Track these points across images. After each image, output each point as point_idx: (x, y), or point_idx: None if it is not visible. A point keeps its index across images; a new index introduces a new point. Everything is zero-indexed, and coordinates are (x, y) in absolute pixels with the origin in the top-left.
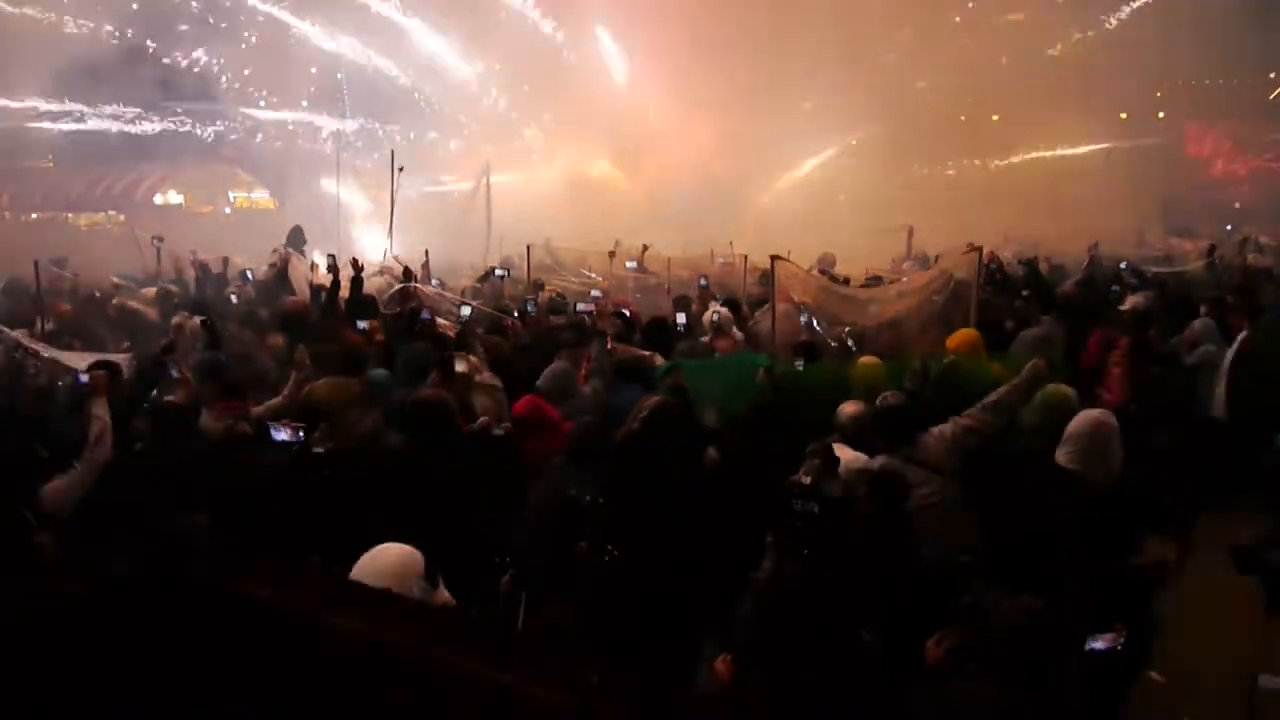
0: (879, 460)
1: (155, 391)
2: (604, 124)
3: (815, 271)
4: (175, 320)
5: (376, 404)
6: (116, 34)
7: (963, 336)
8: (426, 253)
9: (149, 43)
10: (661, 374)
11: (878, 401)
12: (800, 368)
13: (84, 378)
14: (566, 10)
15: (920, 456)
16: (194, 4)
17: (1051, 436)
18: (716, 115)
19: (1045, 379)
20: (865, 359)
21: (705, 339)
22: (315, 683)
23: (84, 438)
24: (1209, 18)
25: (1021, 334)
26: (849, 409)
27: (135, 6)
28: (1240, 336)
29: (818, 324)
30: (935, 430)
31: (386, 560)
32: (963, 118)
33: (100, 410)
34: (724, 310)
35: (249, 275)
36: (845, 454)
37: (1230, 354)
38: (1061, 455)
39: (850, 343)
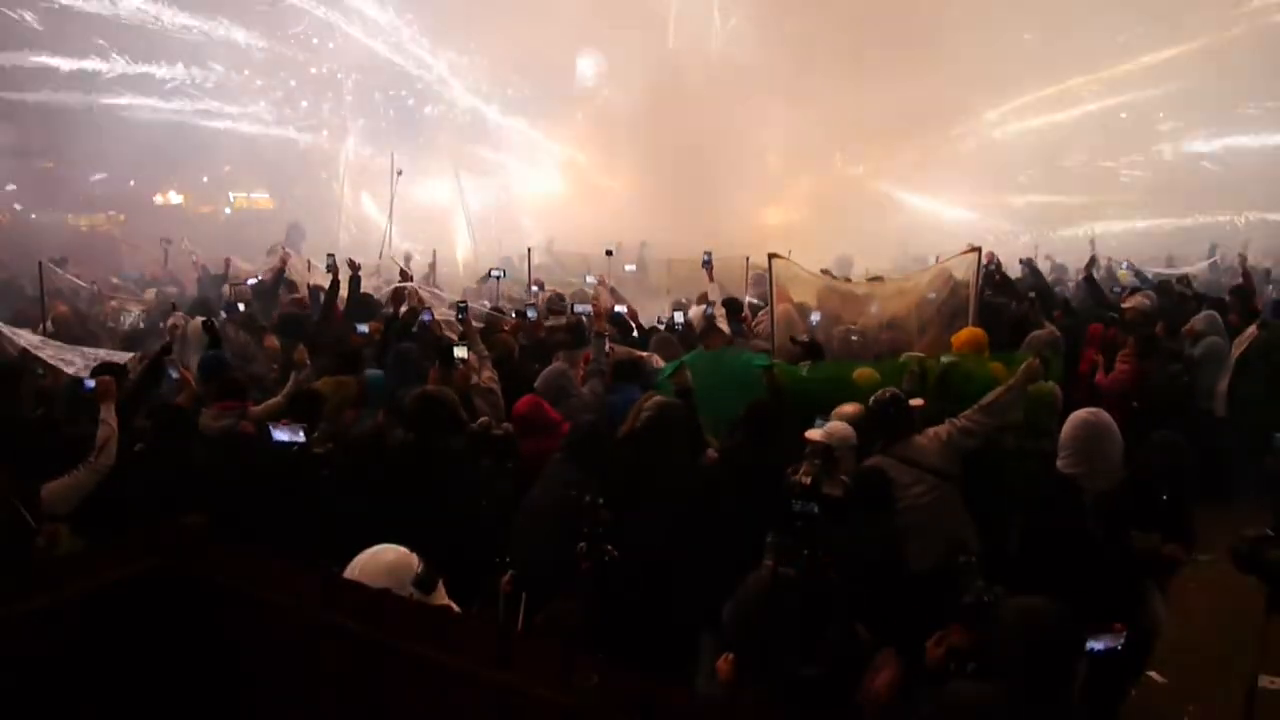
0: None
1: (158, 393)
2: (604, 123)
3: (816, 270)
4: (170, 321)
5: (372, 403)
6: None
7: (967, 335)
8: (435, 253)
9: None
10: (668, 374)
11: (870, 401)
12: (805, 370)
13: (90, 383)
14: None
15: (913, 456)
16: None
17: (1035, 431)
18: (719, 114)
19: (1040, 379)
20: (862, 371)
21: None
22: (315, 683)
23: (91, 443)
24: None
25: (1030, 336)
26: (847, 411)
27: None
28: (1246, 334)
29: (817, 322)
30: (930, 431)
31: (381, 562)
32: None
33: (108, 416)
34: (715, 307)
35: (250, 283)
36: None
37: (1235, 352)
38: (1061, 462)
39: (855, 338)
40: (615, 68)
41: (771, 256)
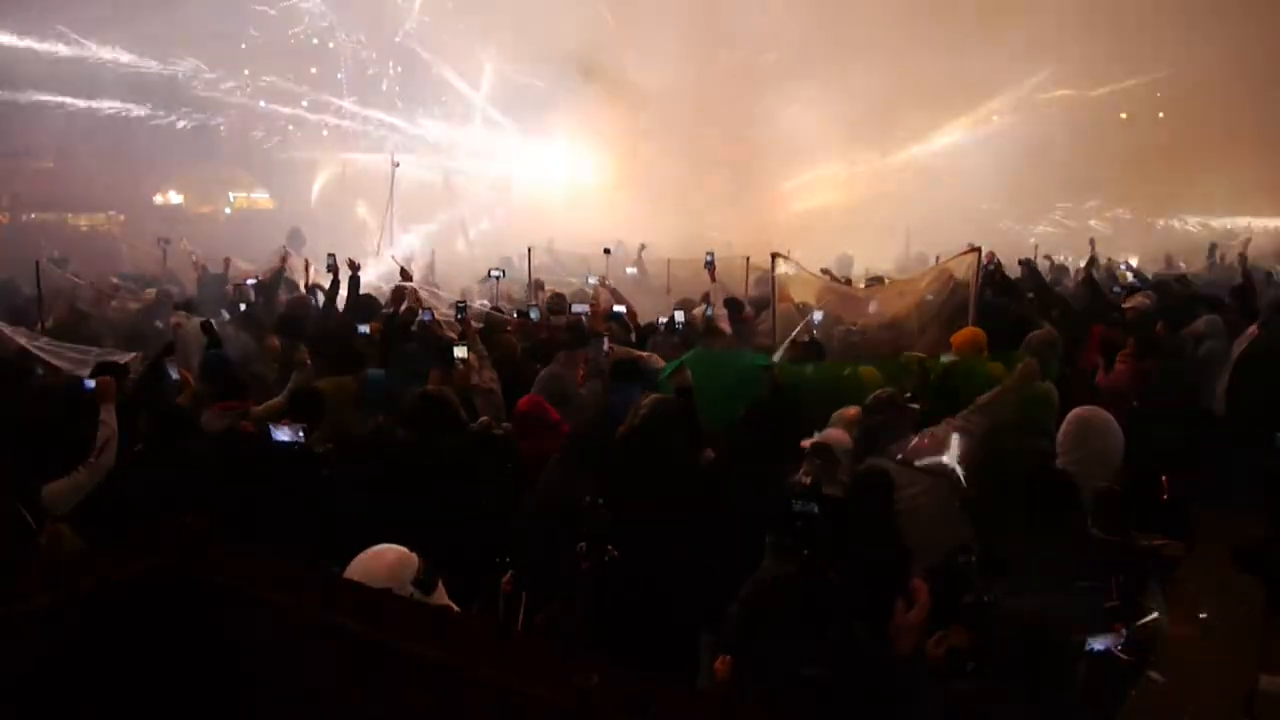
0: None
1: (158, 393)
2: (605, 120)
3: (817, 270)
4: (174, 320)
5: (372, 403)
6: None
7: (967, 335)
8: (433, 252)
9: None
10: (668, 373)
11: (869, 401)
12: (811, 370)
13: (90, 383)
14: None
15: (910, 457)
16: None
17: (1031, 430)
18: (721, 112)
19: (1038, 379)
20: (865, 370)
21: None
22: (315, 683)
23: (91, 443)
24: None
25: (1028, 336)
26: (847, 415)
27: None
28: (1246, 334)
29: (819, 323)
30: (926, 431)
31: (381, 562)
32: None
33: (108, 416)
34: (716, 307)
35: (250, 283)
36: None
37: (1235, 351)
38: (1060, 460)
39: (855, 338)
40: (617, 66)
41: (774, 256)
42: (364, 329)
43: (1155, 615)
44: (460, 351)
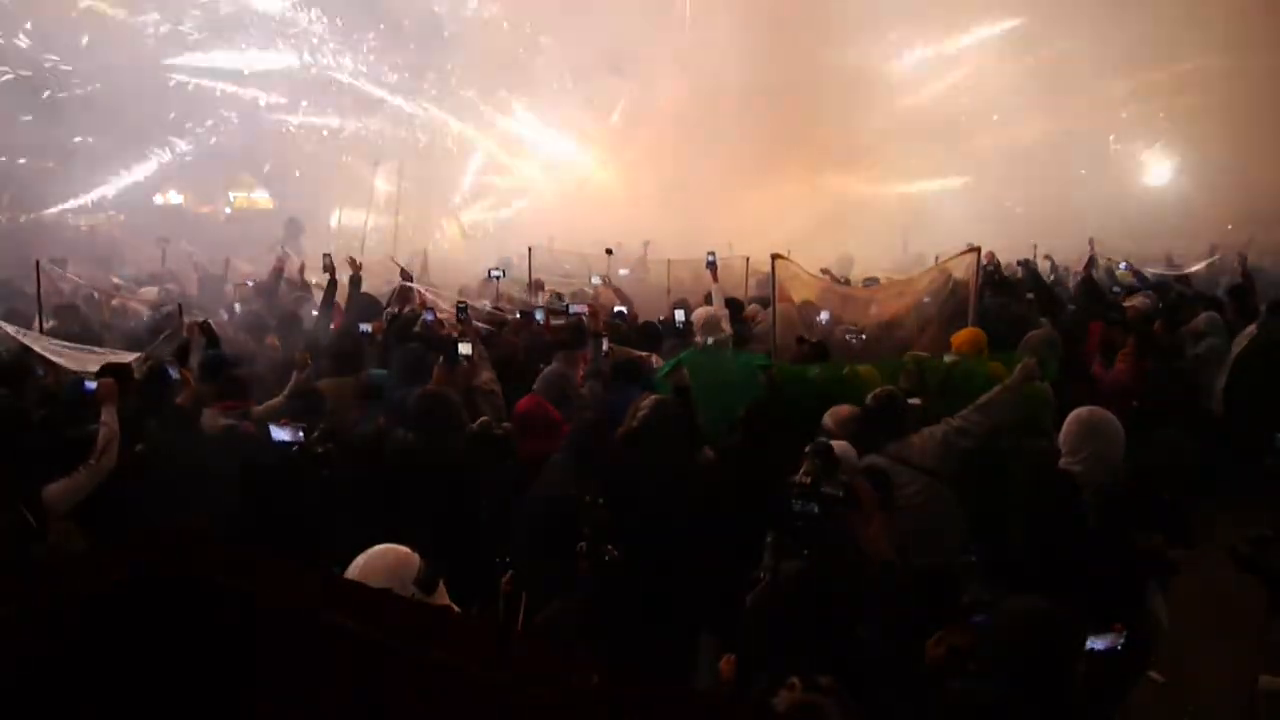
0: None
1: (159, 393)
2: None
3: (817, 271)
4: (188, 320)
5: (374, 403)
6: None
7: (967, 335)
8: (425, 253)
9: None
10: (666, 373)
11: (867, 400)
12: (811, 370)
13: (91, 385)
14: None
15: (907, 456)
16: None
17: (1031, 430)
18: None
19: (1037, 379)
20: (866, 370)
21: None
22: (315, 683)
23: (92, 443)
24: None
25: (1027, 335)
26: (842, 413)
27: None
28: (1246, 333)
29: (821, 323)
30: (925, 431)
31: (381, 562)
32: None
33: (109, 417)
34: (715, 310)
35: (250, 284)
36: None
37: (1234, 350)
38: (1064, 460)
39: (856, 338)
40: (616, 64)
41: (775, 257)
42: (366, 328)
43: (1155, 615)
44: (464, 349)
